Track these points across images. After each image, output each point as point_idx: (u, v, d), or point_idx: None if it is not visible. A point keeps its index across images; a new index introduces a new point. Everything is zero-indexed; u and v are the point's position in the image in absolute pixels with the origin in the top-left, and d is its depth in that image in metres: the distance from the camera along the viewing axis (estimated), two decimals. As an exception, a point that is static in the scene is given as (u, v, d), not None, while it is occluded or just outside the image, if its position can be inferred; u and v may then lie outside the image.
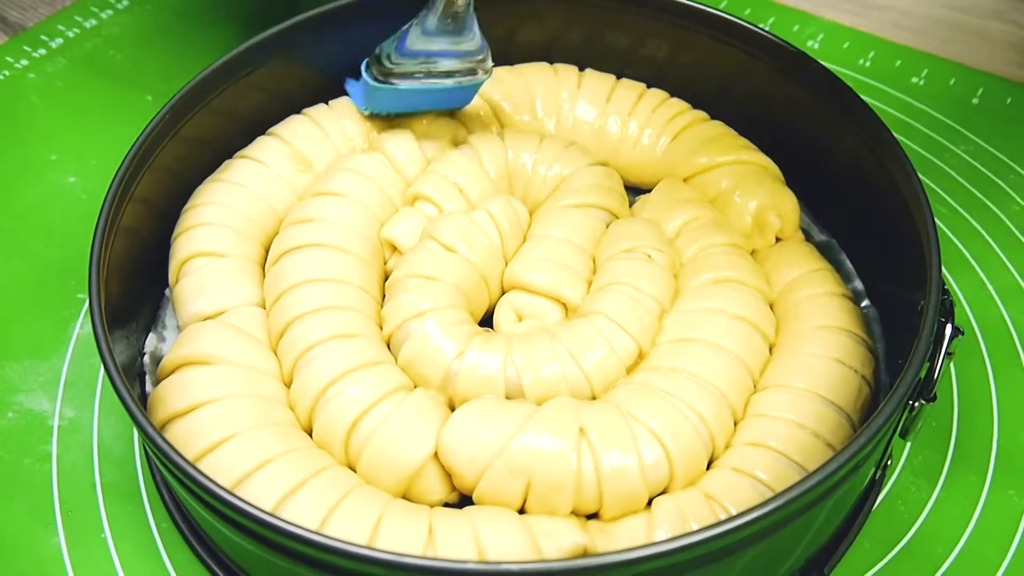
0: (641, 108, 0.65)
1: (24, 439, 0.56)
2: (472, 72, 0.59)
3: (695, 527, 0.45)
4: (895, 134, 0.54)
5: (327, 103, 0.64)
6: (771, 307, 0.56)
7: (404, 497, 0.49)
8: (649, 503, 0.47)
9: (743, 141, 0.63)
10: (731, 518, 0.39)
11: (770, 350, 0.54)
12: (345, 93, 0.65)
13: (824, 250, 0.61)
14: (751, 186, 0.60)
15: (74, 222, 0.67)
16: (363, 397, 0.49)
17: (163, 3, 0.84)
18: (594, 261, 0.57)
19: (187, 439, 0.47)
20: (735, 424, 0.51)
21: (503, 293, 0.57)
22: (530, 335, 0.53)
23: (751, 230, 0.59)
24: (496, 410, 0.48)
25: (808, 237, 0.62)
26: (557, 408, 0.48)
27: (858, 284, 0.60)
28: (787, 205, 0.59)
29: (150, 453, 0.53)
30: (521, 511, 0.47)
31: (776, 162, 0.62)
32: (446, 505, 0.49)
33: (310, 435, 0.50)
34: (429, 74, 0.59)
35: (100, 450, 0.56)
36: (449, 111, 0.64)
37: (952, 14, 0.83)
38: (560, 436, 0.47)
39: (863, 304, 0.58)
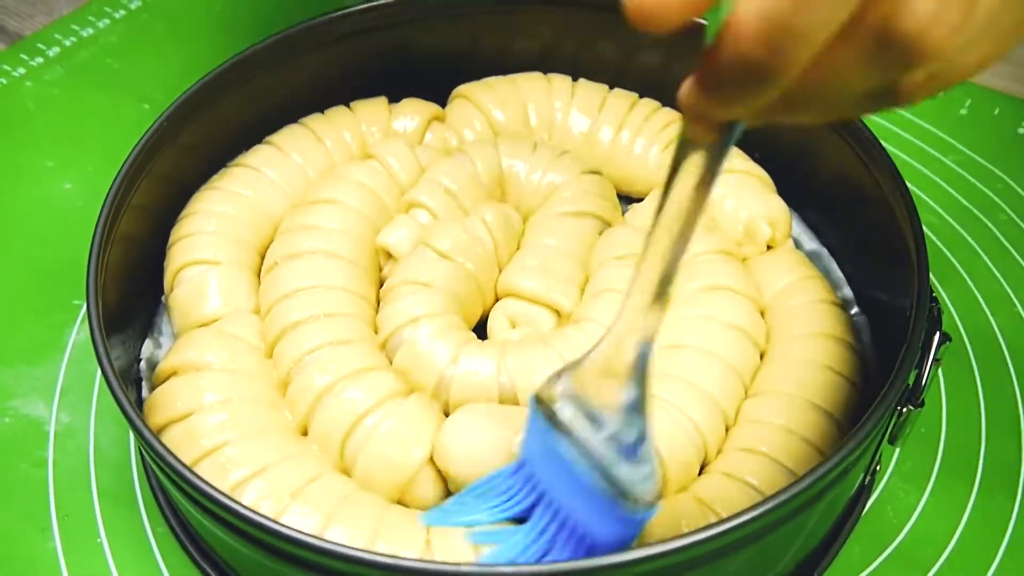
0: (633, 117, 0.65)
1: (20, 444, 0.56)
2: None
3: (687, 530, 0.45)
4: (884, 144, 0.55)
5: (323, 112, 0.65)
6: (762, 314, 0.56)
7: (400, 502, 0.49)
8: (642, 508, 0.48)
9: (734, 150, 0.64)
10: (721, 521, 0.39)
11: (761, 356, 0.54)
12: (340, 103, 0.65)
13: (814, 258, 0.62)
14: (742, 194, 0.60)
15: (70, 229, 0.68)
16: (359, 403, 0.49)
17: (160, 13, 0.85)
18: (586, 268, 0.58)
19: (183, 444, 0.48)
20: (727, 430, 0.51)
21: (497, 300, 0.58)
22: (524, 342, 0.53)
23: (742, 238, 0.60)
24: (491, 415, 0.49)
25: (798, 245, 0.63)
26: (551, 413, 0.48)
27: (848, 291, 0.60)
28: (778, 213, 0.60)
29: (147, 458, 0.53)
30: (515, 515, 0.48)
31: (767, 171, 0.63)
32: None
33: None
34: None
35: (96, 455, 0.56)
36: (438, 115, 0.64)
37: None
38: (554, 441, 0.47)
39: (853, 311, 0.59)
